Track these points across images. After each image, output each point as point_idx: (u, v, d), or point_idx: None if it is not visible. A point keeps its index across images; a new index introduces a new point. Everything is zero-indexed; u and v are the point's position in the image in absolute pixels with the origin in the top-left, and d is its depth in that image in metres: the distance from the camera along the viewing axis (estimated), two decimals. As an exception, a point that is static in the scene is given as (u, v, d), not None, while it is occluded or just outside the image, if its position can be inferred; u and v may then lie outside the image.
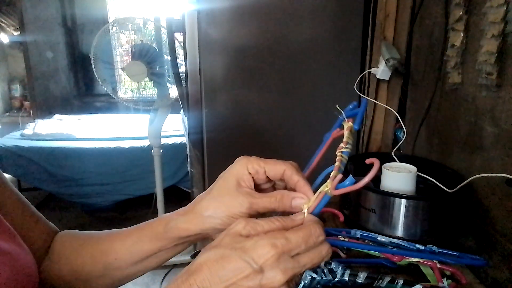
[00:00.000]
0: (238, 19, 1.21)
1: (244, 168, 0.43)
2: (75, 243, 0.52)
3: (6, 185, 0.48)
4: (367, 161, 0.37)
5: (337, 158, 0.39)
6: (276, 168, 0.42)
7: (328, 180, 0.38)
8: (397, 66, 1.11)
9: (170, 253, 0.47)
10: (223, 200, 0.42)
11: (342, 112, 0.42)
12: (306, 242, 0.34)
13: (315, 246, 0.35)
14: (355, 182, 0.37)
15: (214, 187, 0.44)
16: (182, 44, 1.58)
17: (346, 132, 0.40)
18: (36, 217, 0.52)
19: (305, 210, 0.39)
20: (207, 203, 0.43)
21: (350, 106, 0.42)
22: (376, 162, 0.36)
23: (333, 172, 0.38)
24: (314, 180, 0.41)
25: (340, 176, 0.37)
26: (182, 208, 0.47)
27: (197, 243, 0.80)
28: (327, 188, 0.38)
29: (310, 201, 0.39)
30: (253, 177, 0.43)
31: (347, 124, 0.40)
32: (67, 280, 0.49)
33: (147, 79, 2.07)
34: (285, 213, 0.40)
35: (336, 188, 0.37)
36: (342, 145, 0.40)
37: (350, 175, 0.38)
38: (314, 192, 0.40)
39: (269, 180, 0.44)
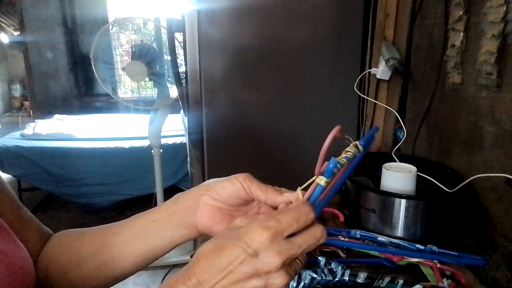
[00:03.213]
0: (238, 19, 1.21)
1: (239, 185, 0.45)
2: (79, 232, 0.52)
3: (2, 185, 0.48)
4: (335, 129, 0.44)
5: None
6: (261, 189, 0.44)
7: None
8: (397, 66, 1.11)
9: (157, 232, 0.46)
10: (222, 177, 0.45)
11: (350, 138, 0.47)
12: (297, 220, 0.34)
13: (307, 226, 0.35)
14: (338, 164, 0.41)
15: None
16: (182, 44, 1.58)
17: (350, 146, 0.45)
18: (28, 217, 0.52)
19: (299, 191, 0.40)
20: (209, 179, 0.47)
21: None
22: (336, 127, 0.41)
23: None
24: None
25: (325, 164, 0.40)
26: None
27: (197, 242, 0.79)
28: (317, 178, 0.40)
29: (304, 185, 0.41)
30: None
31: (354, 142, 0.45)
32: (64, 267, 0.49)
33: (147, 79, 2.07)
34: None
35: (323, 174, 0.40)
36: (343, 152, 0.44)
37: (332, 157, 0.41)
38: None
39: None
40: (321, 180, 0.39)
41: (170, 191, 2.65)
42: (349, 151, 0.43)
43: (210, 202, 0.44)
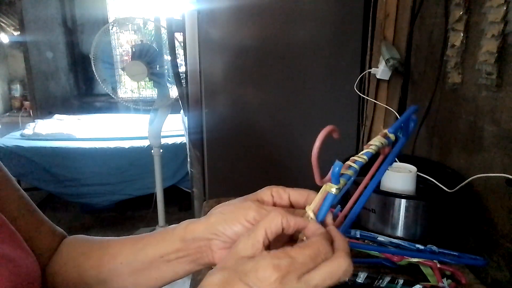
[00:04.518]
0: (238, 19, 1.21)
1: (268, 191, 0.42)
2: (86, 246, 0.50)
3: (12, 187, 0.48)
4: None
5: (351, 158, 0.37)
6: (300, 193, 0.41)
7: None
8: (397, 66, 1.11)
9: (171, 267, 0.44)
10: (233, 203, 0.42)
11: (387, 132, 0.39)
12: (315, 261, 0.31)
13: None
14: (356, 164, 0.36)
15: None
16: (182, 44, 1.58)
17: (378, 136, 0.38)
18: (41, 220, 0.51)
19: (310, 212, 0.36)
20: (220, 206, 0.42)
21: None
22: (328, 127, 0.33)
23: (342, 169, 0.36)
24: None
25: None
26: None
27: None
28: (328, 186, 0.36)
29: (314, 202, 0.37)
30: (274, 202, 0.41)
31: (384, 131, 0.38)
32: (72, 284, 0.48)
33: (147, 79, 2.07)
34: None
35: (332, 181, 0.35)
36: (365, 147, 0.37)
37: (336, 160, 0.34)
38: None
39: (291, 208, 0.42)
40: (331, 188, 0.35)
41: (170, 191, 2.66)
42: (373, 145, 0.36)
43: (224, 245, 0.41)
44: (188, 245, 0.43)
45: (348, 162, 0.36)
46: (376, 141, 0.36)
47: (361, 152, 0.36)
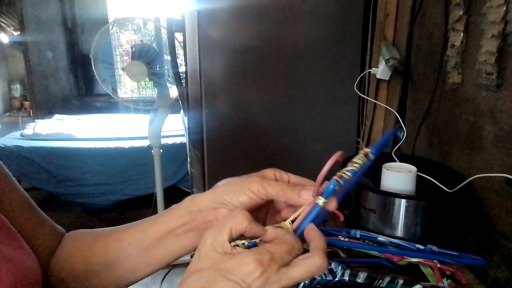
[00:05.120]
0: (238, 19, 1.21)
1: (272, 170, 0.45)
2: (90, 236, 0.51)
3: (14, 187, 0.48)
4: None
5: (337, 173, 0.39)
6: (300, 179, 0.44)
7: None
8: (397, 66, 1.11)
9: (179, 241, 0.45)
10: (238, 177, 0.44)
11: (362, 144, 0.44)
12: (290, 254, 0.35)
13: (307, 257, 0.35)
14: (342, 179, 0.38)
15: None
16: (182, 44, 1.58)
17: (359, 154, 0.40)
18: (42, 219, 0.51)
19: (287, 221, 0.39)
20: (224, 180, 0.45)
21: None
22: (338, 153, 0.38)
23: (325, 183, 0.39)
24: None
25: (324, 183, 0.38)
26: None
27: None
28: (317, 198, 0.39)
29: (299, 210, 0.40)
30: (276, 179, 0.44)
31: (364, 150, 0.41)
32: (79, 274, 0.48)
33: (147, 79, 2.07)
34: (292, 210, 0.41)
35: (323, 195, 0.38)
36: (349, 164, 0.40)
37: (332, 179, 0.38)
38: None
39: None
40: (319, 200, 0.39)
41: (170, 191, 2.66)
42: (356, 163, 0.39)
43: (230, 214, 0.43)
44: (194, 217, 0.44)
45: (335, 177, 0.39)
46: (358, 159, 0.40)
47: (345, 169, 0.40)
